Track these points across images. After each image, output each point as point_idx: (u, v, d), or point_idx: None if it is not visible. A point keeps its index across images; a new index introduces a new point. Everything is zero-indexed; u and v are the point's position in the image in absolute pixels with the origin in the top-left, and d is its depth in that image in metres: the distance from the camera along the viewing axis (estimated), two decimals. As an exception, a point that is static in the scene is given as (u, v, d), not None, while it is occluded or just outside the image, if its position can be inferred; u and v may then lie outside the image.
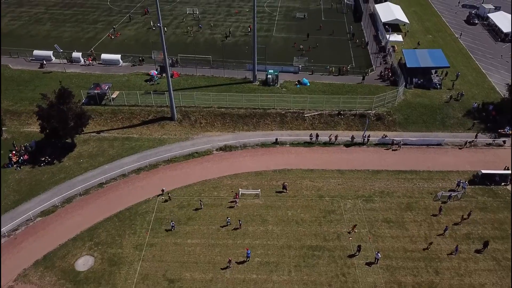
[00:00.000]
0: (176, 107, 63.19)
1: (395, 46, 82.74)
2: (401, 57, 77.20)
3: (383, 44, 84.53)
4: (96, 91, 63.70)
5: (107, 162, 55.47)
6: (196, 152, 57.69)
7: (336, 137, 59.78)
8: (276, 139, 59.79)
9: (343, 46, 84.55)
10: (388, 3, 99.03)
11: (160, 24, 55.98)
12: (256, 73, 70.38)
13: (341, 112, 63.55)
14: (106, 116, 62.98)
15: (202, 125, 62.83)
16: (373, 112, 63.85)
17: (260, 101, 64.43)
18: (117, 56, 76.41)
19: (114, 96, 65.30)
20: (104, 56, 76.60)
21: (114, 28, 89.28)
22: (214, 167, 55.18)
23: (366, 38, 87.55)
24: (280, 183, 52.08)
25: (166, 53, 59.55)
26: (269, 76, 69.79)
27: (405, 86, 68.38)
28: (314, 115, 63.49)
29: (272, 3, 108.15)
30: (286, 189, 51.06)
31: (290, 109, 64.11)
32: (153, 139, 59.95)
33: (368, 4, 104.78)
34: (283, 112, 63.79)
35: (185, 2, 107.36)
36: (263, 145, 59.57)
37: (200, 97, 65.06)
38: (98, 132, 60.86)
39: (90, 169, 54.44)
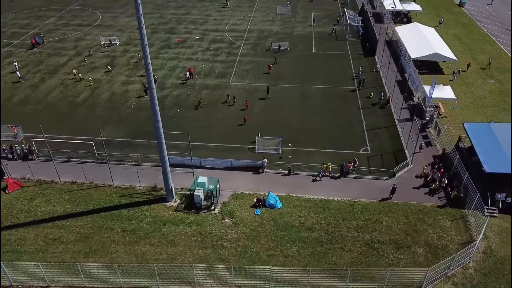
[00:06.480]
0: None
1: (440, 105, 46.60)
2: (460, 137, 40.89)
3: (415, 99, 48.33)
4: None
5: None
6: None
7: None
8: None
9: (347, 105, 48.31)
10: (416, 24, 62.79)
11: None
12: (171, 184, 34.23)
13: (351, 303, 27.11)
14: None
15: None
16: (426, 300, 27.44)
17: (178, 273, 27.98)
18: None
19: None
20: None
21: (-42, 76, 53.18)
22: None
23: (387, 91, 50.99)
24: None
25: None
26: (198, 193, 33.52)
27: (481, 210, 32.16)
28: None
29: (237, 26, 71.79)
30: None
31: (235, 290, 27.78)
32: None
33: (383, 25, 68.48)
34: (215, 302, 27.37)
35: (105, 26, 71.24)
36: None
37: (31, 265, 28.62)
38: None
39: None
